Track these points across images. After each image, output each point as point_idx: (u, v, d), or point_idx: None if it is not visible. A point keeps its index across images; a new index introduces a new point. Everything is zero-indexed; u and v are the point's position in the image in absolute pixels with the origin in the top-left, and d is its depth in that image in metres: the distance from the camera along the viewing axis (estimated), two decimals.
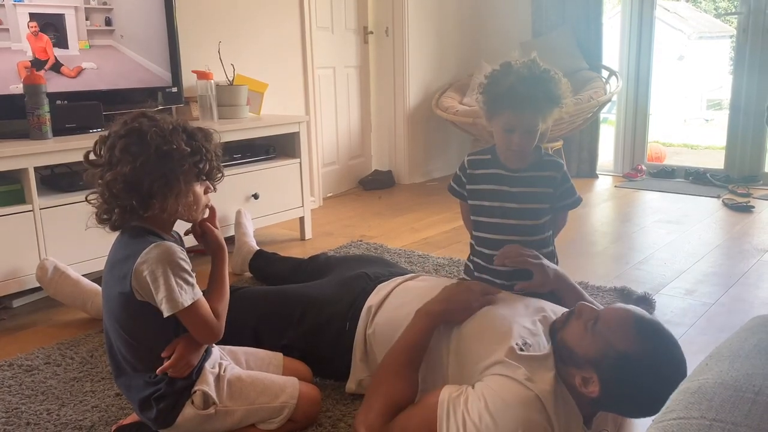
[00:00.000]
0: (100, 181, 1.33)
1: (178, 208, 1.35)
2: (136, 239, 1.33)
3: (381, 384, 1.43)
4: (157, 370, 1.34)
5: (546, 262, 1.69)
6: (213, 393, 1.38)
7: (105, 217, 1.35)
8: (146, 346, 1.36)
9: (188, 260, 1.34)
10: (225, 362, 1.47)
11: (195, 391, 1.37)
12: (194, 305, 1.32)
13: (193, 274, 1.34)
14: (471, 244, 1.94)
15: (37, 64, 2.40)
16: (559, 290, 1.67)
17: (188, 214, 1.39)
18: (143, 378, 1.37)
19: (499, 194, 1.81)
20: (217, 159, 1.41)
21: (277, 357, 1.60)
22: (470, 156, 1.88)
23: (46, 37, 2.40)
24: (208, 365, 1.42)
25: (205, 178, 1.39)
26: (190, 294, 1.30)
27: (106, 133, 1.35)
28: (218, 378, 1.41)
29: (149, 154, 1.28)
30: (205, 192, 1.42)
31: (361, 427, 1.37)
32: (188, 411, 1.37)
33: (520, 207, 1.80)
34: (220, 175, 1.43)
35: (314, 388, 1.54)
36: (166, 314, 1.29)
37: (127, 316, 1.35)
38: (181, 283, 1.29)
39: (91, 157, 1.36)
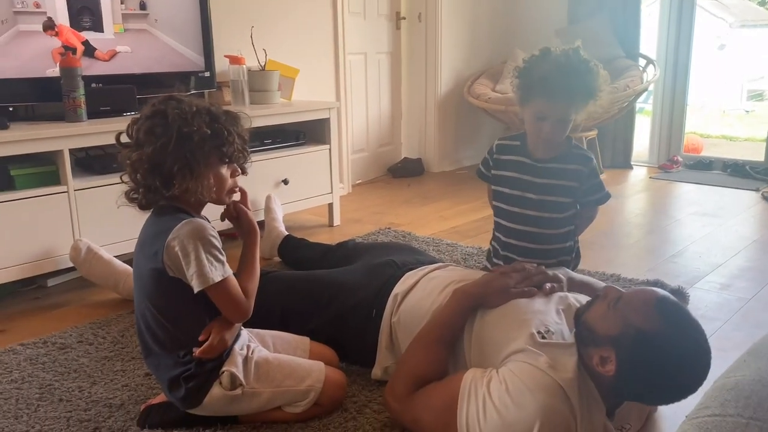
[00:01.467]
0: (127, 161, 1.36)
1: (199, 189, 1.35)
2: (167, 216, 1.36)
3: (412, 357, 1.45)
4: (195, 353, 1.36)
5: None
6: (240, 374, 1.39)
7: (134, 196, 1.38)
8: (177, 325, 1.38)
9: (218, 238, 1.35)
10: (253, 344, 1.48)
11: (223, 372, 1.39)
12: (224, 282, 1.33)
13: (224, 253, 1.35)
14: (493, 230, 1.94)
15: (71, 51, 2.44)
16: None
17: (210, 196, 1.39)
18: (173, 357, 1.39)
19: (521, 183, 1.79)
20: (243, 142, 1.40)
21: (304, 341, 1.61)
22: (500, 141, 1.87)
23: (66, 29, 2.41)
24: (236, 347, 1.43)
25: (228, 160, 1.39)
26: (220, 270, 1.32)
27: (138, 115, 1.38)
28: (246, 360, 1.42)
29: (170, 135, 1.30)
30: (233, 175, 1.42)
31: (388, 395, 1.44)
32: (216, 391, 1.39)
33: (540, 198, 1.77)
34: (242, 158, 1.42)
35: (340, 373, 1.54)
36: (196, 289, 1.30)
37: (158, 294, 1.37)
38: (212, 259, 1.31)
39: (124, 138, 1.38)
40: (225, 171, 1.40)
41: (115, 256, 2.24)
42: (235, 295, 1.36)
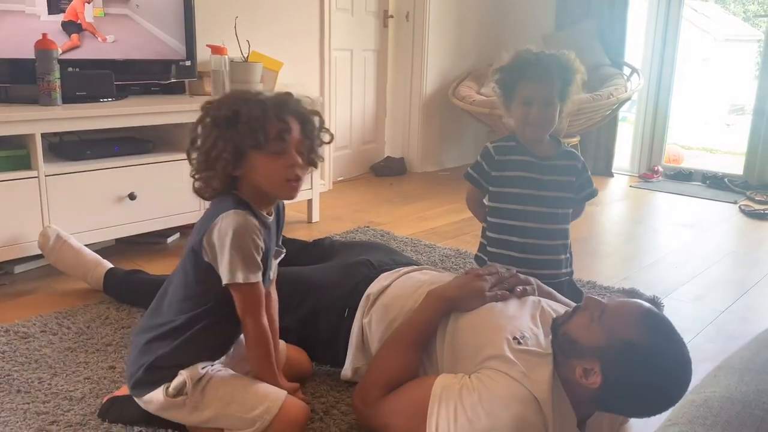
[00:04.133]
0: (192, 155, 1.35)
1: (263, 177, 1.31)
2: (224, 202, 1.32)
3: (383, 360, 1.42)
4: None
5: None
6: (190, 384, 1.33)
7: (197, 189, 1.36)
8: (186, 312, 1.34)
9: (260, 241, 1.31)
10: (220, 367, 1.42)
11: (180, 374, 1.34)
12: (247, 285, 1.30)
13: (258, 260, 1.31)
14: (486, 235, 1.92)
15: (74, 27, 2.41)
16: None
17: (273, 187, 1.33)
18: (157, 339, 1.35)
19: (531, 182, 1.84)
20: (273, 127, 1.28)
21: (281, 345, 1.57)
22: (494, 143, 1.90)
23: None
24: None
25: (255, 146, 1.28)
26: (244, 273, 1.28)
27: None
28: (205, 373, 1.36)
29: (220, 119, 1.29)
30: (291, 165, 1.31)
31: (357, 399, 1.42)
32: (158, 393, 1.34)
33: (553, 195, 1.84)
34: (259, 143, 1.28)
35: (301, 406, 1.39)
36: (224, 282, 1.29)
37: (193, 275, 1.34)
38: (239, 259, 1.28)
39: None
40: (268, 159, 1.29)
41: (86, 245, 2.18)
42: (251, 304, 1.33)
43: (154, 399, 1.35)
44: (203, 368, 1.36)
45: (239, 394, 1.34)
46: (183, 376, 1.33)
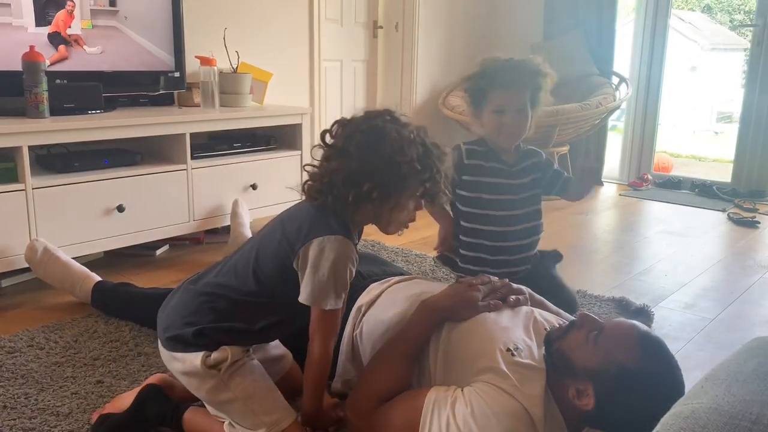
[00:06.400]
0: (325, 162, 1.29)
1: (389, 218, 1.30)
2: (326, 219, 1.29)
3: (375, 371, 1.41)
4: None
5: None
6: (229, 361, 1.30)
7: (316, 197, 1.30)
8: (258, 300, 1.31)
9: (354, 270, 1.30)
10: (256, 359, 1.41)
11: (223, 348, 1.30)
12: (328, 312, 1.29)
13: (347, 288, 1.31)
14: (458, 237, 1.95)
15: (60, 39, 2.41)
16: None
17: (388, 226, 1.34)
18: (222, 311, 1.31)
19: (500, 187, 1.88)
20: (446, 181, 1.34)
21: (288, 355, 1.58)
22: (468, 145, 1.91)
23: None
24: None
25: (429, 199, 1.33)
26: (334, 300, 1.28)
27: (348, 116, 1.31)
28: (243, 359, 1.34)
29: (381, 159, 1.24)
30: (416, 208, 1.35)
31: (348, 410, 1.40)
32: (195, 357, 1.29)
33: (523, 197, 1.90)
34: (445, 198, 1.36)
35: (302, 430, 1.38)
36: (305, 302, 1.27)
37: (272, 266, 1.30)
38: (332, 287, 1.26)
39: (326, 137, 1.33)
40: (412, 204, 1.33)
41: (73, 258, 2.17)
42: (328, 328, 1.32)
43: (188, 360, 1.30)
44: (244, 351, 1.34)
45: (261, 393, 1.33)
46: (227, 351, 1.30)
